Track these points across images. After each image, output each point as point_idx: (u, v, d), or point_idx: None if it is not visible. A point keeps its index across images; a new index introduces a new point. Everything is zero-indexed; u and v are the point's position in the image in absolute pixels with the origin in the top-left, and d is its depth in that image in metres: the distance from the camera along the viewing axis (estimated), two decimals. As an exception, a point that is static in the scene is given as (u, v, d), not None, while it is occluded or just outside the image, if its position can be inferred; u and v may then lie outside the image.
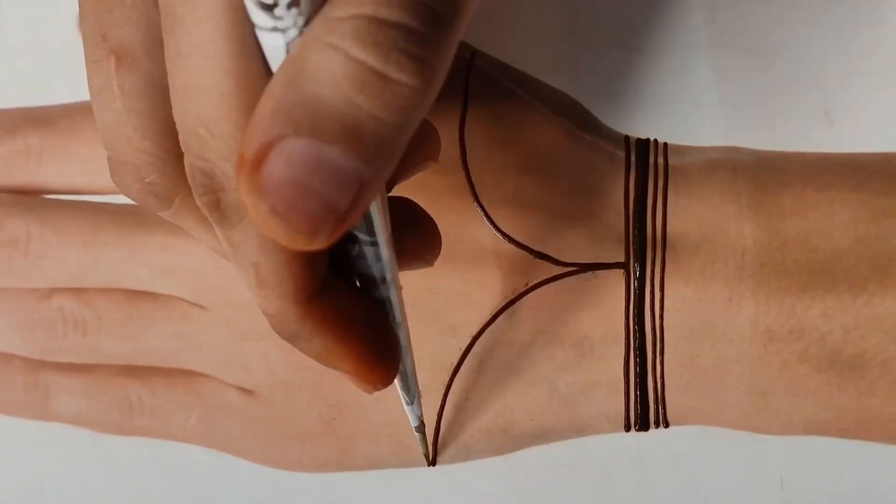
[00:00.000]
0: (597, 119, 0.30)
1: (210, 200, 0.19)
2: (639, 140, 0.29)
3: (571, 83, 0.30)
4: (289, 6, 0.16)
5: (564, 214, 0.28)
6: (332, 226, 0.16)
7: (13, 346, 0.31)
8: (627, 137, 0.29)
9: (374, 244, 0.20)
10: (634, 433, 0.28)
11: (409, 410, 0.26)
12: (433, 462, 0.29)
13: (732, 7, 0.34)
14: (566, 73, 0.33)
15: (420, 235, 0.23)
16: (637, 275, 0.27)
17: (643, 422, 0.28)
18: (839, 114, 0.33)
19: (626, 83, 0.34)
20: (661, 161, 0.28)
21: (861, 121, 0.33)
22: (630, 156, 0.29)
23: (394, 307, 0.22)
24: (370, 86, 0.16)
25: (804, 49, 0.33)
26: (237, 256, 0.20)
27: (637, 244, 0.27)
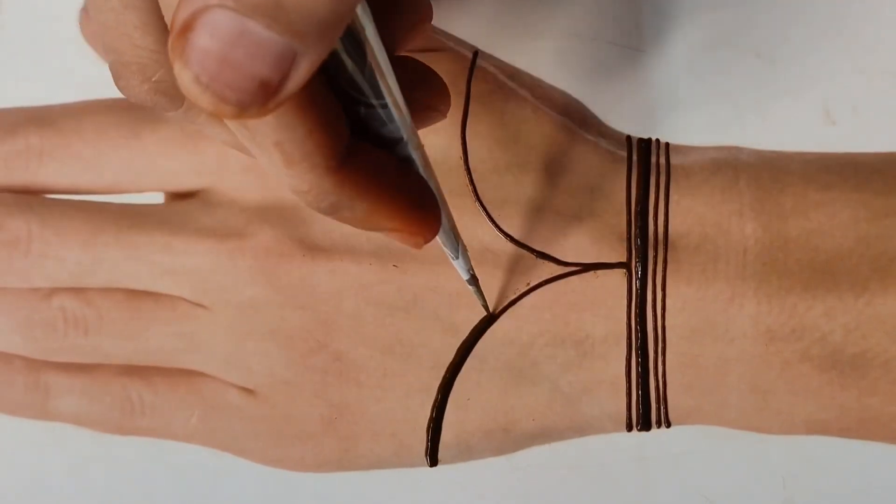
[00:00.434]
0: (598, 119, 0.30)
1: None
2: (640, 140, 0.29)
3: (572, 83, 0.30)
4: None
5: (566, 214, 0.28)
6: (264, 99, 0.16)
7: (14, 346, 0.31)
8: (629, 137, 0.29)
9: (384, 106, 0.20)
10: (636, 433, 0.28)
11: (458, 265, 0.26)
12: (434, 462, 0.29)
13: (734, 7, 0.34)
14: (567, 73, 0.33)
15: (428, 88, 0.23)
16: (639, 274, 0.27)
17: (645, 421, 0.28)
18: (841, 113, 0.33)
19: (627, 83, 0.34)
20: (663, 161, 0.28)
21: (863, 120, 0.33)
22: (631, 155, 0.29)
23: (417, 165, 0.22)
24: None
25: (806, 48, 0.33)
26: (257, 142, 0.19)
27: (639, 244, 0.27)
